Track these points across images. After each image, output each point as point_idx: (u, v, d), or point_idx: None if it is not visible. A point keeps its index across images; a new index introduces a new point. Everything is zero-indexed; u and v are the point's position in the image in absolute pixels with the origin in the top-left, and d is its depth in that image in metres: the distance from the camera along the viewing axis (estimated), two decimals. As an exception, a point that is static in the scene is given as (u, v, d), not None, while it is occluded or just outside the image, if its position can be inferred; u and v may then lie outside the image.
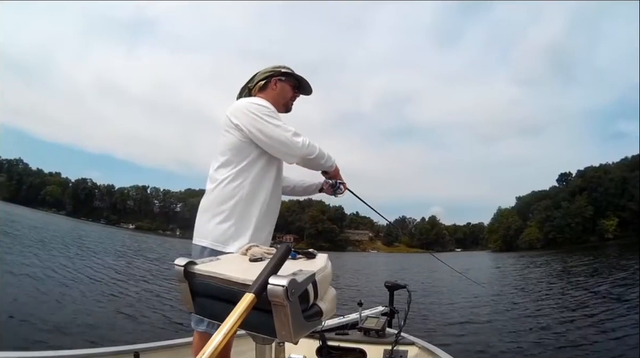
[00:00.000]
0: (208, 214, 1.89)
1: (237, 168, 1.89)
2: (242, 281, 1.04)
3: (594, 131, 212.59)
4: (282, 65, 2.18)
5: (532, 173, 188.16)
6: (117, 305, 8.51)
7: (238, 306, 0.89)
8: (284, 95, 2.14)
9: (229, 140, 1.92)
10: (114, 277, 13.02)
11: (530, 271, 27.23)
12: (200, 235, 1.88)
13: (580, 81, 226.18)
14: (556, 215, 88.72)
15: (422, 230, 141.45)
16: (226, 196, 1.87)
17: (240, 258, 1.38)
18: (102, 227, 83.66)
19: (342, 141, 56.80)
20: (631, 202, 78.19)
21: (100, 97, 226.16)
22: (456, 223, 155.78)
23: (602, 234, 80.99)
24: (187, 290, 1.20)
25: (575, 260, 34.87)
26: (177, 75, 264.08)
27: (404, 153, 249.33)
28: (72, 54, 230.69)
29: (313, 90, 2.24)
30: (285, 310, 0.95)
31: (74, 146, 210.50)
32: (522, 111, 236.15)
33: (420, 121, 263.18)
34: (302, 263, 1.25)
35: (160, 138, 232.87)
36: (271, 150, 1.91)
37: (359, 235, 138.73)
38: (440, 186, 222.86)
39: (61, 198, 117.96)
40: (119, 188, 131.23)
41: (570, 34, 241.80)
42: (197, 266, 1.19)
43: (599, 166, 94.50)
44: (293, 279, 0.95)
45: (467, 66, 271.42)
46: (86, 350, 2.12)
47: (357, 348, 2.76)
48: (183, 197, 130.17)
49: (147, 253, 27.79)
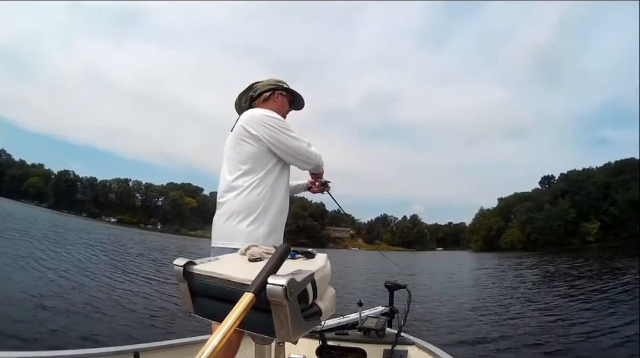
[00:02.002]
0: (238, 218, 2.05)
1: (259, 175, 2.09)
2: (241, 281, 1.04)
3: (578, 135, 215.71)
4: (281, 80, 2.40)
5: (514, 175, 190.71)
6: (117, 305, 8.39)
7: (237, 306, 0.89)
8: (283, 108, 2.36)
9: (249, 150, 2.09)
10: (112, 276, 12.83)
11: (517, 272, 27.53)
12: (231, 237, 2.03)
13: (567, 85, 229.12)
14: (538, 217, 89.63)
15: (404, 229, 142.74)
16: (253, 201, 2.06)
17: (239, 258, 1.39)
18: (84, 220, 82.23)
19: (326, 139, 56.40)
20: (613, 207, 79.28)
21: (84, 88, 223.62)
22: (438, 222, 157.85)
23: (584, 237, 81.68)
24: (186, 290, 1.20)
25: (564, 261, 35.29)
26: (162, 68, 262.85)
27: (388, 151, 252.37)
28: (57, 43, 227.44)
29: (305, 104, 2.48)
30: (285, 310, 0.95)
31: (58, 136, 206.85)
32: (507, 112, 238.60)
33: (404, 121, 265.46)
34: (301, 263, 1.25)
35: (144, 130, 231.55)
36: (289, 159, 2.17)
37: (340, 232, 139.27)
38: (423, 185, 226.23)
39: (44, 190, 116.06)
40: (101, 181, 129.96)
41: (558, 38, 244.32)
42: (196, 267, 1.19)
43: (582, 170, 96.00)
44: (292, 279, 0.95)
45: (453, 66, 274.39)
46: (86, 350, 2.12)
47: (357, 348, 2.76)
48: (165, 191, 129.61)
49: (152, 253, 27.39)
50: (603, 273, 20.73)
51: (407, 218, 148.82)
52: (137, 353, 2.09)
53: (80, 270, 12.89)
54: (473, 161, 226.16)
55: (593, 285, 15.71)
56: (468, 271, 30.29)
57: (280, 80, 2.39)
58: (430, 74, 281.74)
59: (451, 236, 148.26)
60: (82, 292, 9.10)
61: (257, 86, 2.34)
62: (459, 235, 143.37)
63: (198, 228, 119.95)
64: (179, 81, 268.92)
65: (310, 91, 27.44)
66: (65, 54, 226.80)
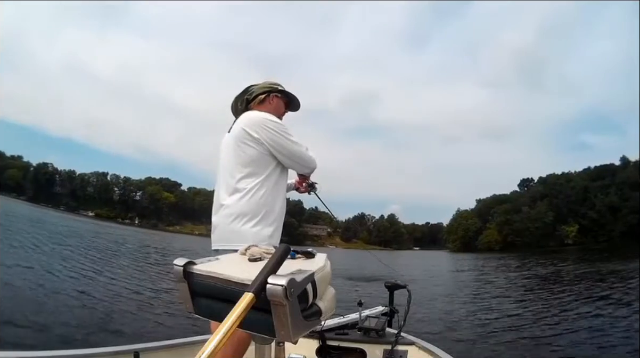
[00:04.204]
0: (243, 221, 2.07)
1: (261, 178, 2.12)
2: (241, 281, 1.04)
3: (558, 139, 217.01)
4: (276, 82, 2.43)
5: (493, 177, 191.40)
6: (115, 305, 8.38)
7: (237, 306, 0.89)
8: (279, 110, 2.37)
9: (251, 153, 2.12)
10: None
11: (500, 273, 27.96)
12: (236, 239, 2.01)
13: (548, 89, 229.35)
14: (516, 219, 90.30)
15: (381, 228, 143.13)
16: (257, 203, 2.09)
17: (239, 258, 1.39)
18: (62, 214, 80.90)
19: (304, 137, 57.77)
20: (591, 211, 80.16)
21: (65, 79, 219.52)
22: (415, 222, 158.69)
23: (562, 239, 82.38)
24: (186, 290, 1.21)
25: (540, 261, 35.90)
26: (143, 60, 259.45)
27: (366, 150, 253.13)
28: (39, 33, 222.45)
29: (301, 105, 2.50)
30: (285, 310, 0.95)
31: (36, 128, 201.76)
32: (487, 114, 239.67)
33: (384, 121, 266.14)
34: (301, 263, 1.26)
35: (123, 123, 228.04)
36: (288, 163, 2.22)
37: (317, 229, 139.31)
38: (401, 185, 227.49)
39: (22, 182, 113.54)
40: (79, 174, 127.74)
41: (541, 42, 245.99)
42: (196, 266, 1.19)
43: (561, 174, 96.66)
44: (292, 278, 0.95)
45: (434, 67, 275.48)
46: (86, 350, 2.11)
47: (357, 348, 2.76)
48: (143, 185, 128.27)
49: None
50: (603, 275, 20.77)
51: (385, 217, 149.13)
52: (137, 353, 2.09)
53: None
54: (451, 162, 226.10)
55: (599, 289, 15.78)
56: (448, 272, 30.77)
57: (276, 82, 2.42)
58: (412, 74, 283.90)
59: (428, 236, 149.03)
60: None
61: (252, 88, 2.35)
62: (436, 235, 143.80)
63: (175, 224, 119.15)
64: (159, 74, 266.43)
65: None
66: (47, 45, 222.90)
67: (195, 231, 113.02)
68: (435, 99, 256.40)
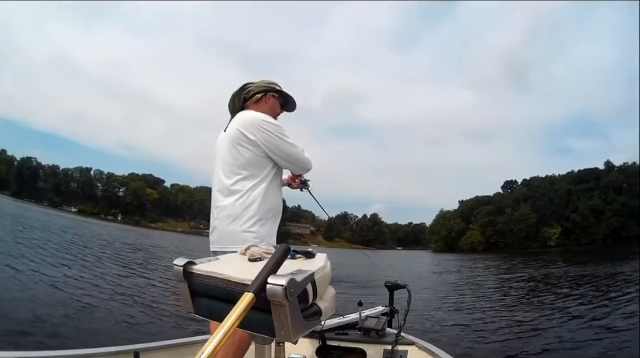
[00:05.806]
0: (241, 222, 2.08)
1: (258, 179, 2.14)
2: (241, 281, 1.05)
3: (542, 143, 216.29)
4: (273, 82, 2.42)
5: (476, 178, 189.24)
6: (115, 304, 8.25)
7: (237, 306, 0.90)
8: (275, 110, 2.37)
9: (247, 155, 2.12)
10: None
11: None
12: (235, 241, 2.00)
13: (534, 92, 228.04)
14: (499, 220, 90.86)
15: (364, 227, 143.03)
16: (254, 204, 2.10)
17: (239, 258, 1.39)
18: (45, 209, 79.69)
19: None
20: (574, 213, 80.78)
21: (49, 72, 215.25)
22: (398, 221, 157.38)
23: (545, 241, 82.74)
24: (186, 290, 1.21)
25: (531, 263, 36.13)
26: (128, 55, 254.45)
27: (350, 150, 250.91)
28: (24, 26, 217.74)
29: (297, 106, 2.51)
30: (285, 310, 0.95)
31: (20, 121, 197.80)
32: (472, 116, 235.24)
33: (368, 120, 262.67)
34: (301, 263, 1.26)
35: (107, 118, 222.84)
36: (284, 164, 2.23)
37: (300, 228, 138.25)
38: (384, 184, 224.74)
39: (6, 177, 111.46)
40: (63, 169, 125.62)
41: (528, 44, 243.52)
42: (196, 266, 1.20)
43: (544, 177, 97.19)
44: (292, 278, 0.96)
45: (420, 68, 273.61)
46: (86, 350, 2.11)
47: (357, 348, 2.76)
48: (126, 181, 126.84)
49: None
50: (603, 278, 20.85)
51: (368, 217, 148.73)
52: (137, 353, 2.09)
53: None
54: (435, 163, 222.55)
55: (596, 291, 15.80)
56: (431, 272, 30.85)
57: (273, 82, 2.41)
58: (397, 74, 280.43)
59: (411, 236, 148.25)
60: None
61: (250, 86, 2.34)
62: (419, 235, 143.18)
63: (158, 220, 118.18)
64: (144, 71, 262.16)
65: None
66: (33, 39, 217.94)
67: (178, 228, 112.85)
68: (420, 100, 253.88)
